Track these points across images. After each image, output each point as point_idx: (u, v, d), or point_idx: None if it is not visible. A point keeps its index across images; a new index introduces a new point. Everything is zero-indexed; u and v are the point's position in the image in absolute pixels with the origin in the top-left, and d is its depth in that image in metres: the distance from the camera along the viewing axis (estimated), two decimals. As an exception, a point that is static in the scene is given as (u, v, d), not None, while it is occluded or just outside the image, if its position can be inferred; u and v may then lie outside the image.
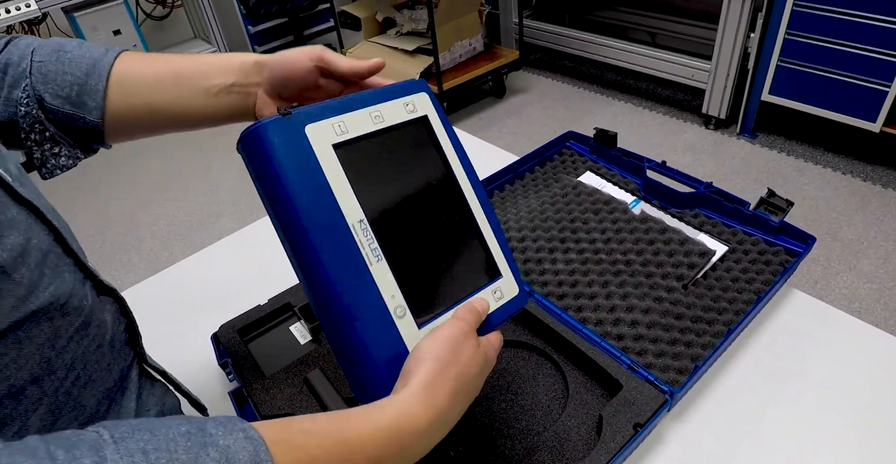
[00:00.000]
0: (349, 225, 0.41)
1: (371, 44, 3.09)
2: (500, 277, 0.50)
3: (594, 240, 0.86)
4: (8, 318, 0.37)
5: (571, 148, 1.11)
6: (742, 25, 2.42)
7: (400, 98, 0.48)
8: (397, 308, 0.42)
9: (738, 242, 0.86)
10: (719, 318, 0.75)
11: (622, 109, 2.93)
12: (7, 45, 0.55)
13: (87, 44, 0.56)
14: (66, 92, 0.53)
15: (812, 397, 0.69)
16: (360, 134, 0.44)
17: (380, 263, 0.41)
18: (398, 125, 0.47)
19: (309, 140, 0.41)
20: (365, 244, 0.41)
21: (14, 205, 0.41)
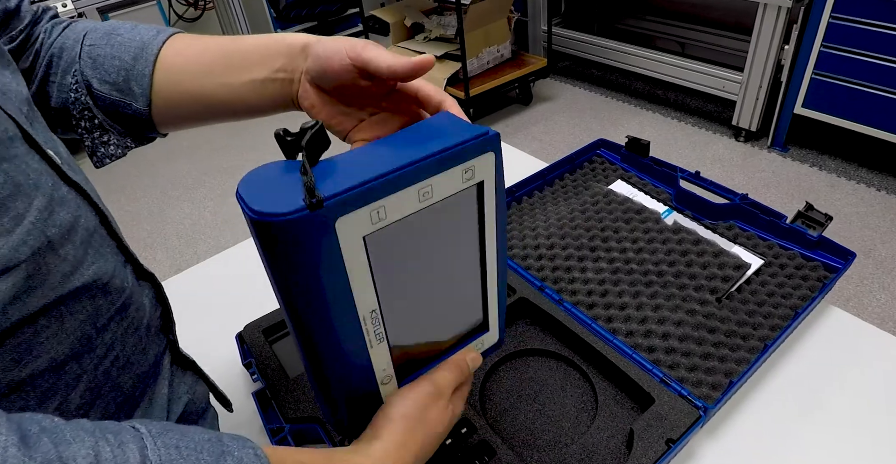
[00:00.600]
0: (360, 316, 0.39)
1: (399, 49, 3.10)
2: (486, 332, 0.52)
3: (625, 249, 0.85)
4: (53, 292, 0.37)
5: (602, 156, 1.10)
6: (776, 37, 2.38)
7: (462, 164, 0.39)
8: (384, 377, 0.45)
9: (774, 255, 0.84)
10: (754, 333, 0.73)
11: (650, 119, 2.90)
12: (65, 29, 0.55)
13: (140, 26, 0.54)
14: (114, 77, 0.51)
15: (849, 417, 0.66)
16: (399, 218, 0.37)
17: (381, 345, 0.42)
18: (445, 198, 0.39)
19: (338, 236, 0.35)
20: (371, 331, 0.41)
21: (64, 185, 0.41)
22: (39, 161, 0.39)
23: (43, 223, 0.37)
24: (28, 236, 0.35)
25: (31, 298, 0.36)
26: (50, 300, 0.37)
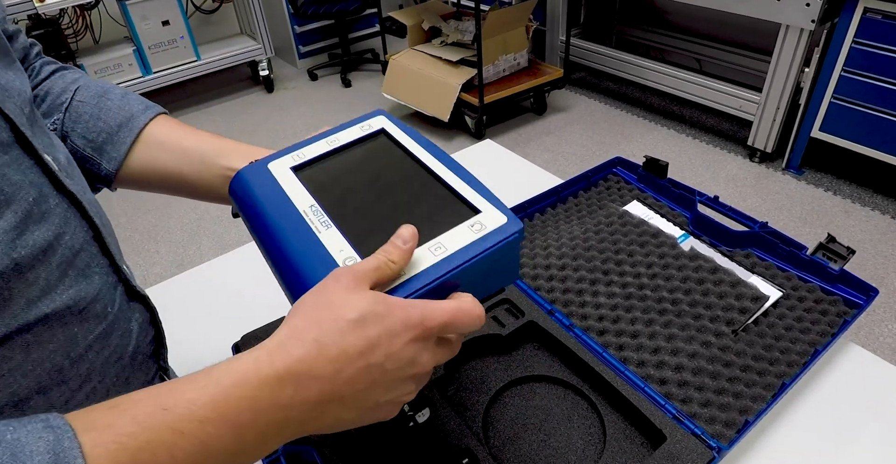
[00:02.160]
0: (300, 211, 0.45)
1: (415, 52, 3.09)
2: (478, 213, 0.44)
3: (639, 274, 0.82)
4: (15, 320, 0.34)
5: (618, 174, 1.08)
6: (797, 59, 2.36)
7: (356, 124, 0.53)
8: (346, 259, 0.41)
9: (793, 287, 0.81)
10: (770, 369, 0.70)
11: (664, 135, 2.87)
12: (53, 75, 0.56)
13: (130, 95, 0.57)
14: (93, 137, 0.54)
15: (863, 457, 0.64)
16: (314, 155, 0.51)
17: (329, 230, 0.43)
18: (354, 141, 0.52)
19: (271, 171, 0.49)
20: (315, 220, 0.44)
21: (55, 195, 0.39)
22: (29, 169, 0.37)
23: (9, 244, 0.34)
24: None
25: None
26: (12, 329, 0.34)
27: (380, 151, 0.51)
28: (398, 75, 3.07)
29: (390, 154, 0.51)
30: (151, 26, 3.27)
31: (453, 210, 0.44)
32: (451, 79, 2.84)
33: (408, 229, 0.39)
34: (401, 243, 0.38)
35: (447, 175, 0.47)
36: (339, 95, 3.60)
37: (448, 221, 0.43)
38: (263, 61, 3.68)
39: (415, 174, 0.48)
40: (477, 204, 0.45)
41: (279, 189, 0.47)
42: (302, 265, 0.42)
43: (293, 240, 0.43)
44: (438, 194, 0.46)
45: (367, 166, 0.50)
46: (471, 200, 0.45)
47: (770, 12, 2.36)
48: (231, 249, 1.02)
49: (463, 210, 0.44)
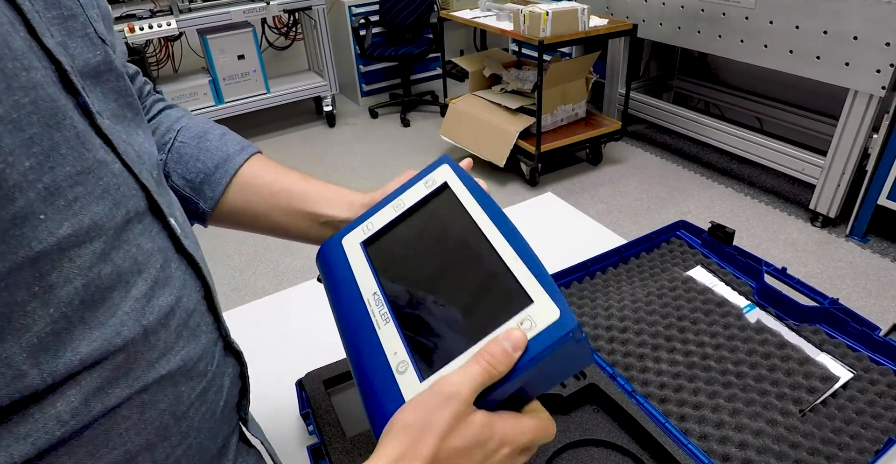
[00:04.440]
0: (364, 298, 0.47)
1: (475, 97, 3.17)
2: (530, 304, 0.40)
3: (703, 343, 0.82)
4: (138, 382, 0.36)
5: (682, 238, 1.08)
6: (865, 125, 2.32)
7: (421, 180, 0.53)
8: (399, 364, 0.42)
9: (864, 369, 0.79)
10: (840, 454, 0.68)
11: (722, 194, 2.84)
12: (163, 112, 0.59)
13: (229, 135, 0.59)
14: (192, 177, 0.56)
15: None
16: (382, 226, 0.52)
17: (387, 325, 0.44)
18: (418, 203, 0.52)
19: (344, 248, 0.52)
20: (376, 312, 0.46)
21: (177, 258, 0.41)
22: (157, 234, 0.39)
23: (139, 312, 0.35)
24: (122, 328, 0.34)
25: (114, 389, 0.34)
26: (133, 391, 0.35)
27: (442, 214, 0.50)
28: (457, 119, 3.15)
29: (452, 218, 0.49)
30: (228, 59, 3.47)
31: (506, 298, 0.41)
32: (510, 126, 2.89)
33: (520, 336, 0.38)
34: (511, 350, 0.37)
35: (503, 248, 0.44)
36: (397, 134, 3.71)
37: (499, 314, 0.40)
38: (328, 97, 3.83)
39: (473, 247, 0.46)
40: (531, 291, 0.40)
41: (349, 271, 0.50)
42: (365, 373, 0.43)
43: (358, 334, 0.46)
44: (494, 275, 0.43)
45: (428, 236, 0.51)
46: (525, 286, 0.41)
47: (839, 77, 2.34)
48: (285, 277, 1.06)
49: (516, 299, 0.40)
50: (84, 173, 0.33)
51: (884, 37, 2.16)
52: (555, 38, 2.60)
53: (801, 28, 2.40)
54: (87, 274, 0.32)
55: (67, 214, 0.32)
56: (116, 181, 0.36)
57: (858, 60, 2.26)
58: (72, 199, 0.32)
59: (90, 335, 0.33)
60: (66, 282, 0.31)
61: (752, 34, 2.58)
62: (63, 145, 0.32)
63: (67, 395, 0.32)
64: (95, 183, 0.34)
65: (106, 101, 0.41)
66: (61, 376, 0.31)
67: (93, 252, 0.33)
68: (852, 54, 2.27)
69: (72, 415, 0.32)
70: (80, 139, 0.34)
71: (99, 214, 0.34)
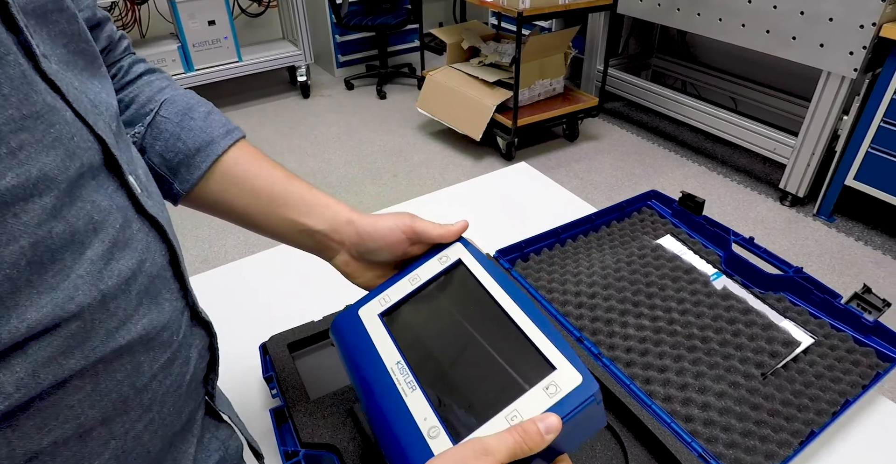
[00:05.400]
0: (388, 367, 0.49)
1: (452, 69, 3.13)
2: (553, 371, 0.43)
3: (670, 309, 0.82)
4: (94, 353, 0.33)
5: (652, 208, 1.08)
6: (836, 107, 2.35)
7: (435, 256, 0.55)
8: (430, 429, 0.44)
9: (825, 335, 0.80)
10: (799, 415, 0.69)
11: (695, 172, 2.87)
12: (140, 78, 0.55)
13: (214, 114, 0.55)
14: (171, 157, 0.53)
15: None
16: (399, 299, 0.53)
17: (414, 393, 0.46)
18: (433, 278, 0.54)
19: (361, 319, 0.54)
20: (401, 380, 0.47)
21: (138, 218, 0.38)
22: (115, 192, 0.36)
23: (96, 276, 0.33)
24: (76, 292, 0.31)
25: (68, 360, 0.32)
26: (89, 362, 0.33)
27: (458, 288, 0.53)
28: (434, 91, 3.11)
29: (468, 292, 0.52)
30: (198, 25, 3.35)
31: (529, 366, 0.44)
32: (487, 99, 2.86)
33: (554, 421, 0.39)
34: (544, 433, 0.39)
35: (520, 317, 0.48)
36: (372, 106, 3.65)
37: (526, 381, 0.43)
38: (302, 67, 3.75)
39: (492, 318, 0.49)
40: (552, 359, 0.44)
41: (369, 342, 0.51)
42: (395, 437, 0.45)
43: (384, 401, 0.47)
44: (514, 345, 0.46)
45: (446, 308, 0.52)
46: (546, 354, 0.44)
47: (813, 58, 2.36)
48: (255, 249, 1.03)
49: (538, 367, 0.44)
50: (31, 118, 0.30)
51: (858, 19, 2.18)
52: (534, 11, 2.56)
53: (778, 8, 2.40)
54: (35, 232, 0.29)
55: (11, 163, 0.28)
56: (70, 130, 0.33)
57: (833, 42, 2.28)
58: (16, 146, 0.29)
59: (39, 300, 0.30)
60: (10, 240, 0.28)
61: (731, 13, 2.58)
62: (5, 84, 0.29)
63: (12, 365, 0.29)
64: (45, 130, 0.31)
65: (54, 45, 0.37)
66: (5, 345, 0.29)
67: (42, 208, 0.30)
68: (827, 36, 2.29)
69: (17, 387, 0.29)
70: (27, 79, 0.30)
71: (49, 165, 0.30)
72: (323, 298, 0.82)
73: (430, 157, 3.02)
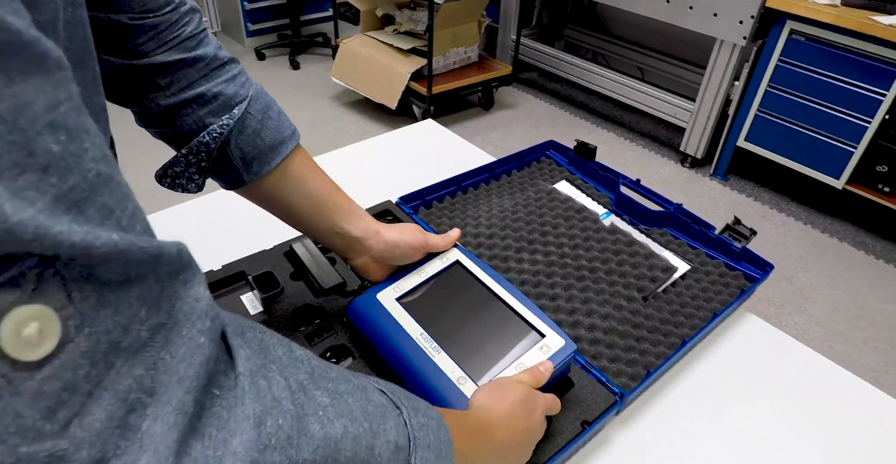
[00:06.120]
0: (413, 338, 0.61)
1: (366, 37, 3.08)
2: (543, 337, 0.61)
3: (562, 244, 0.87)
4: None
5: (550, 157, 1.12)
6: (728, 73, 2.50)
7: (437, 256, 0.69)
8: (459, 378, 0.58)
9: (701, 262, 0.87)
10: (675, 331, 0.76)
11: (604, 137, 2.98)
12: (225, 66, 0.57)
13: (283, 115, 0.61)
14: (248, 151, 0.58)
15: (754, 412, 0.70)
16: (411, 287, 0.66)
17: (440, 354, 0.60)
18: (437, 273, 0.68)
19: (380, 301, 0.65)
20: (427, 347, 0.60)
21: None
22: None
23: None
24: None
25: None
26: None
27: (459, 280, 0.67)
28: (348, 60, 3.06)
29: (468, 283, 0.67)
30: (91, -10, 3.12)
31: (525, 334, 0.62)
32: (401, 67, 2.85)
33: (549, 364, 0.58)
34: (545, 373, 0.58)
35: (512, 301, 0.64)
36: (286, 77, 3.55)
37: (525, 345, 0.61)
38: (210, 37, 3.57)
39: (489, 301, 0.65)
40: (541, 329, 0.62)
41: (392, 319, 0.63)
42: (431, 386, 0.57)
43: (416, 363, 0.59)
44: (510, 319, 0.63)
45: (453, 294, 0.66)
46: (536, 326, 0.62)
47: (707, 27, 2.49)
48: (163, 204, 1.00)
49: (532, 334, 0.62)
50: None
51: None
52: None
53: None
54: None
55: None
56: None
57: (725, 11, 2.41)
58: None
59: None
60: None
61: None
62: None
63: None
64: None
65: None
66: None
67: None
68: (720, 5, 2.42)
69: None
70: None
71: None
72: (222, 250, 0.81)
73: (345, 126, 2.98)
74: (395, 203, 0.93)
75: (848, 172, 2.27)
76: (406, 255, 0.67)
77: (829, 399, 0.73)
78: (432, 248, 0.68)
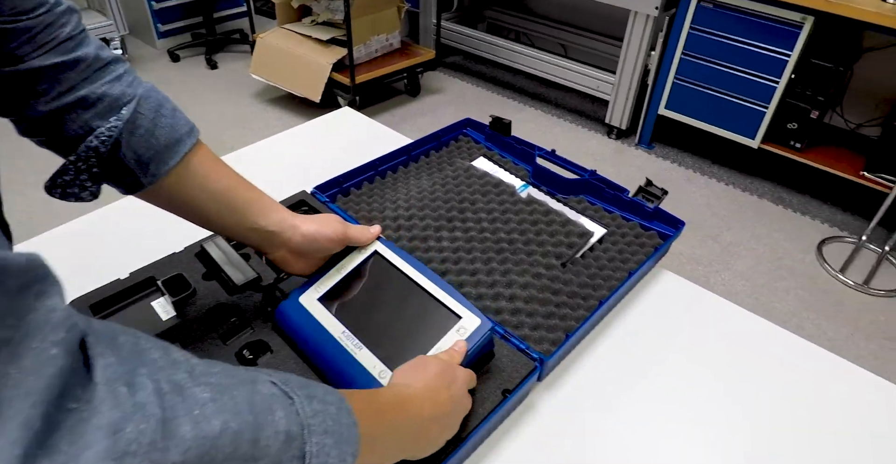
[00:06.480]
0: (335, 337, 0.62)
1: (284, 30, 3.01)
2: (459, 319, 0.62)
3: (480, 219, 0.87)
4: None
5: (468, 135, 1.12)
6: (644, 43, 2.56)
7: (356, 249, 0.69)
8: (380, 373, 0.59)
9: (617, 225, 0.89)
10: (594, 293, 0.77)
11: (532, 116, 3.02)
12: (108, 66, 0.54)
13: (178, 112, 0.58)
14: (142, 152, 0.54)
15: (673, 366, 0.72)
16: (332, 285, 0.67)
17: (362, 351, 0.61)
18: (357, 266, 0.68)
19: (303, 305, 0.66)
20: (349, 344, 0.61)
21: None
22: None
23: None
24: None
25: None
26: None
27: (379, 270, 0.67)
28: (267, 55, 2.98)
29: (386, 273, 0.67)
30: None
31: (443, 318, 0.62)
32: (322, 58, 2.79)
33: (464, 344, 0.59)
34: (461, 352, 0.59)
35: (430, 286, 0.64)
36: (204, 78, 3.42)
37: (442, 328, 0.61)
38: (115, 40, 3.41)
39: (408, 289, 0.65)
40: (457, 311, 0.62)
41: (314, 320, 0.64)
42: (355, 384, 0.59)
43: (339, 362, 0.61)
44: (429, 305, 0.63)
45: (373, 286, 0.66)
46: (453, 309, 0.62)
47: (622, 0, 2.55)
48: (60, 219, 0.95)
49: (449, 317, 0.62)
50: None
51: (654, -41, 2.37)
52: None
53: (585, -49, 2.55)
54: None
55: None
56: None
57: (636, -18, 2.47)
58: None
59: None
60: None
61: (545, -41, 2.70)
62: None
63: None
64: None
65: None
66: None
67: None
68: (630, -23, 2.47)
69: None
70: None
71: None
72: (130, 256, 0.78)
73: (270, 124, 2.91)
74: (311, 193, 0.91)
75: (762, 131, 2.37)
76: (324, 248, 0.66)
77: (745, 347, 0.76)
78: (352, 240, 0.68)
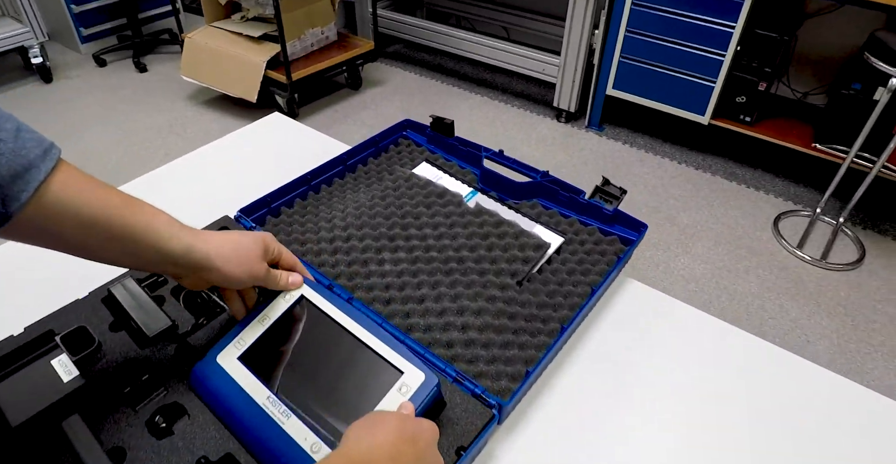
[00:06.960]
0: (259, 403, 0.54)
1: (213, 29, 2.83)
2: (401, 374, 0.54)
3: (426, 236, 0.79)
4: None
5: (408, 138, 1.03)
6: (587, 22, 2.50)
7: (279, 295, 0.61)
8: (312, 445, 0.51)
9: (575, 232, 0.82)
10: (554, 314, 0.70)
11: (479, 103, 2.93)
12: None
13: (24, 131, 0.47)
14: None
15: (648, 386, 0.66)
16: (254, 340, 0.59)
17: (290, 419, 0.53)
18: (282, 315, 0.60)
19: (221, 365, 0.57)
20: (275, 412, 0.53)
21: None
22: None
23: None
24: None
25: None
26: None
27: (307, 319, 0.59)
28: (197, 55, 2.80)
29: (315, 322, 0.59)
30: None
31: (382, 374, 0.54)
32: (255, 56, 2.64)
33: (409, 407, 0.51)
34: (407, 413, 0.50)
35: (366, 336, 0.56)
36: (133, 82, 3.21)
37: (382, 387, 0.53)
38: (35, 47, 3.16)
39: (341, 340, 0.57)
40: (398, 365, 0.54)
41: (235, 384, 0.56)
42: (283, 459, 0.51)
43: (264, 433, 0.53)
44: (366, 359, 0.55)
45: (302, 338, 0.58)
46: (393, 362, 0.54)
47: (559, -22, 2.47)
48: None
49: (389, 373, 0.54)
50: None
51: (589, -65, 2.29)
52: (281, -47, 2.36)
53: (520, -70, 2.46)
54: None
55: None
56: None
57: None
58: None
59: None
60: None
61: (480, -61, 2.60)
62: None
63: None
64: None
65: None
66: None
67: None
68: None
69: None
70: None
71: None
72: (25, 306, 0.67)
73: (206, 128, 2.74)
74: (234, 217, 0.81)
75: (711, 107, 2.34)
76: (240, 286, 0.60)
77: (722, 359, 0.71)
78: (272, 288, 0.61)
